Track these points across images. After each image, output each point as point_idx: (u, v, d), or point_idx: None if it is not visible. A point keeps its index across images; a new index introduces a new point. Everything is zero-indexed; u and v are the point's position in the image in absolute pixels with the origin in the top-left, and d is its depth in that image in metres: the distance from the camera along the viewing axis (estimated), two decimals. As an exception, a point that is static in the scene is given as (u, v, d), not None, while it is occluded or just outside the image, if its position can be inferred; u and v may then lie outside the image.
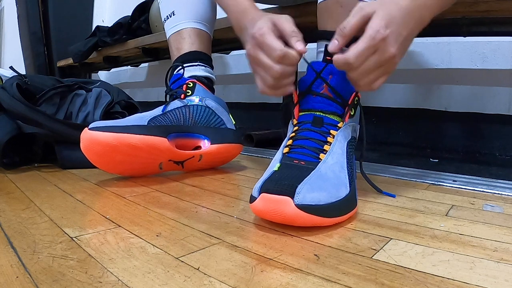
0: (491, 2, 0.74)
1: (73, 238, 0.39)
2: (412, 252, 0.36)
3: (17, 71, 0.85)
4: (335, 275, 0.32)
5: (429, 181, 0.66)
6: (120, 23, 1.72)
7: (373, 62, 0.44)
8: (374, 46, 0.43)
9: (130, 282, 0.30)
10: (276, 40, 0.48)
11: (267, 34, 0.49)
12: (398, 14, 0.44)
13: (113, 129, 0.60)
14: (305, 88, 0.51)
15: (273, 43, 0.48)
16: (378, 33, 0.43)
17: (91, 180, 0.67)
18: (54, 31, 2.38)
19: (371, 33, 0.43)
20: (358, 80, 0.46)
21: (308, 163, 0.46)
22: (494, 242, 0.39)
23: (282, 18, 0.50)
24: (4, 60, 3.63)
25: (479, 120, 1.02)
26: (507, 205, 0.52)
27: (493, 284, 0.30)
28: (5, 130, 0.73)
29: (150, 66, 2.19)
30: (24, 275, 0.31)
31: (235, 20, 0.58)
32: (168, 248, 0.37)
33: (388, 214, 0.48)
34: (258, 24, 0.50)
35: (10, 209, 0.49)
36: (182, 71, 0.75)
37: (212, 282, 0.31)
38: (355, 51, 0.43)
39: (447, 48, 1.07)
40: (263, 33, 0.49)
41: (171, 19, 0.81)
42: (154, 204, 0.52)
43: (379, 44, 0.43)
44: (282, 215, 0.40)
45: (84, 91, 0.89)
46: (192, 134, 0.72)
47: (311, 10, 0.89)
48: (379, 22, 0.43)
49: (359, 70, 0.45)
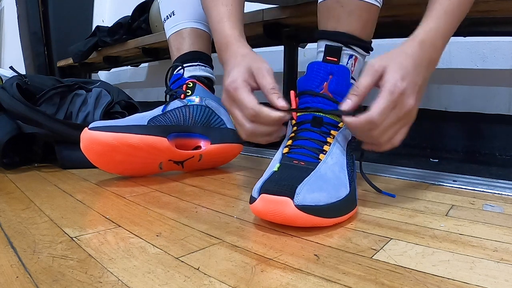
0: (491, 2, 0.74)
1: (73, 238, 0.39)
2: (412, 252, 0.36)
3: (17, 71, 0.85)
4: (335, 275, 0.32)
5: (429, 181, 0.66)
6: (120, 23, 1.72)
7: (393, 117, 0.43)
8: (394, 101, 0.42)
9: (130, 282, 0.30)
10: (249, 95, 0.47)
11: (240, 88, 0.47)
12: (410, 64, 0.44)
13: (113, 129, 0.60)
14: (305, 88, 0.51)
15: (245, 99, 0.47)
16: (396, 87, 0.42)
17: (91, 180, 0.67)
18: (54, 31, 2.38)
19: (390, 87, 0.42)
20: (380, 138, 0.44)
21: (307, 163, 0.46)
22: (494, 242, 0.39)
23: (263, 70, 0.49)
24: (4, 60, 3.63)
25: (479, 120, 1.02)
26: (507, 205, 0.52)
27: (493, 284, 0.30)
28: (5, 130, 0.73)
29: (150, 66, 2.19)
30: (24, 275, 0.31)
31: (218, 51, 0.57)
32: (168, 248, 0.37)
33: (388, 214, 0.48)
34: (232, 75, 0.49)
35: (10, 209, 0.49)
36: (182, 71, 0.75)
37: (212, 282, 0.31)
38: (377, 109, 0.42)
39: (447, 48, 1.06)
40: (236, 87, 0.48)
41: (171, 19, 0.81)
42: (154, 204, 0.52)
43: (399, 98, 0.42)
44: (282, 216, 0.40)
45: (84, 91, 0.89)
46: (192, 134, 0.72)
47: (311, 10, 0.89)
48: (395, 76, 0.42)
49: (381, 128, 0.43)
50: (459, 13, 0.48)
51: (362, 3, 0.48)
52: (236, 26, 0.56)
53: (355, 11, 0.48)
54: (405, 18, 0.89)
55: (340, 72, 0.49)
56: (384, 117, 0.43)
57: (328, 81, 0.50)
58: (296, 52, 1.19)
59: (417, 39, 0.46)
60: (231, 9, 0.57)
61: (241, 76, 0.48)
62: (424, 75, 0.46)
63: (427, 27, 0.47)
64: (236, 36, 0.55)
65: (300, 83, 0.51)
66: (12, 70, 0.85)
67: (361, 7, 0.49)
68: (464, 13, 0.49)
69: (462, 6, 0.48)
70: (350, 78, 0.50)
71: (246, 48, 0.54)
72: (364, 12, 0.49)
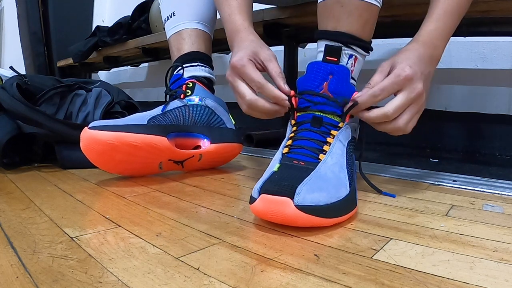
0: (491, 2, 0.74)
1: (73, 238, 0.39)
2: (412, 252, 0.36)
3: (17, 71, 0.85)
4: (335, 275, 0.32)
5: (429, 181, 0.66)
6: (120, 23, 1.72)
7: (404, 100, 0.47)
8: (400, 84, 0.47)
9: (130, 282, 0.30)
10: (256, 71, 0.53)
11: (248, 65, 0.53)
12: (415, 56, 0.48)
13: (113, 128, 0.60)
14: (305, 88, 0.51)
15: (253, 74, 0.53)
16: (402, 70, 0.47)
17: (91, 180, 0.67)
18: (54, 31, 2.38)
19: (396, 71, 0.47)
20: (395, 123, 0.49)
21: (307, 163, 0.46)
22: (494, 242, 0.39)
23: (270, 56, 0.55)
24: (4, 60, 3.63)
25: (479, 120, 1.02)
26: (507, 205, 0.52)
27: (493, 284, 0.30)
28: (5, 130, 0.73)
29: (150, 66, 2.19)
30: (24, 275, 0.31)
31: (229, 38, 0.62)
32: (168, 248, 0.37)
33: (388, 214, 0.48)
34: (240, 54, 0.54)
35: (10, 209, 0.49)
36: (181, 72, 0.75)
37: (212, 282, 0.31)
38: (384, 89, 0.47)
39: (447, 48, 1.06)
40: (243, 64, 0.53)
41: (172, 19, 0.81)
42: (154, 204, 0.52)
43: (406, 82, 0.47)
44: (282, 216, 0.40)
45: (84, 91, 0.89)
46: (192, 133, 0.72)
47: (311, 10, 0.89)
48: (402, 65, 0.47)
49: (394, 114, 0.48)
50: (458, 13, 0.52)
51: (362, 3, 0.48)
52: (245, 18, 0.61)
53: (355, 11, 0.48)
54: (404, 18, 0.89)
55: (340, 72, 0.49)
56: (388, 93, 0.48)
57: (328, 81, 0.50)
58: (296, 52, 1.19)
59: (420, 40, 0.50)
60: (241, 2, 0.62)
61: (249, 55, 0.54)
62: (428, 69, 0.50)
63: (428, 28, 0.51)
64: (246, 26, 0.60)
65: (300, 83, 0.51)
66: (12, 70, 0.85)
67: (361, 7, 0.49)
68: (463, 13, 0.52)
69: (461, 6, 0.52)
70: (350, 78, 0.50)
71: (255, 35, 0.59)
72: (364, 12, 0.49)
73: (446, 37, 0.52)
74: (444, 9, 0.50)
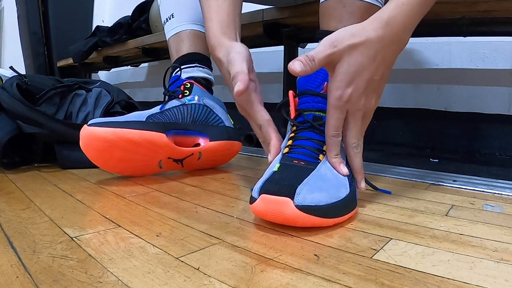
0: (491, 2, 0.74)
1: (73, 238, 0.39)
2: (412, 252, 0.36)
3: (17, 71, 0.85)
4: (335, 275, 0.32)
5: (429, 181, 0.66)
6: (120, 23, 1.72)
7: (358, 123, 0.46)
8: (341, 108, 0.44)
9: (130, 282, 0.30)
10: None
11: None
12: (366, 57, 0.41)
13: (112, 124, 0.61)
14: (305, 88, 0.51)
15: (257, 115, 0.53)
16: (340, 100, 0.43)
17: (91, 180, 0.67)
18: (54, 31, 2.38)
19: (333, 102, 0.44)
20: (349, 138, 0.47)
21: (307, 163, 0.46)
22: (494, 242, 0.39)
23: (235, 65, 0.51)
24: (4, 60, 3.63)
25: (479, 120, 1.02)
26: (507, 205, 0.52)
27: (493, 284, 0.30)
28: (5, 130, 0.73)
29: (150, 66, 2.19)
30: (24, 275, 0.31)
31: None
32: (168, 248, 0.37)
33: (388, 214, 0.48)
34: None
35: (10, 209, 0.49)
36: (179, 73, 0.75)
37: (212, 282, 0.31)
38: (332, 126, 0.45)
39: (447, 48, 1.07)
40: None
41: (171, 21, 0.81)
42: (154, 204, 0.52)
43: (345, 106, 0.44)
44: (282, 216, 0.40)
45: (84, 91, 0.89)
46: (191, 131, 0.72)
47: (311, 10, 0.89)
48: (340, 84, 0.42)
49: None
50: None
51: (364, 4, 0.48)
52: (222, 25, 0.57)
53: (356, 11, 0.48)
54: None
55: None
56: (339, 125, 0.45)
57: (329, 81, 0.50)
58: (296, 52, 1.19)
59: (384, 19, 0.41)
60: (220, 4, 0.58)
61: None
62: (386, 64, 0.43)
63: (394, 3, 0.42)
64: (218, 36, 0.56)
65: (300, 83, 0.51)
66: (12, 70, 0.85)
67: (363, 8, 0.49)
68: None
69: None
70: (350, 78, 0.50)
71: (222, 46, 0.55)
72: (365, 12, 0.49)
73: (419, 13, 0.43)
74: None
